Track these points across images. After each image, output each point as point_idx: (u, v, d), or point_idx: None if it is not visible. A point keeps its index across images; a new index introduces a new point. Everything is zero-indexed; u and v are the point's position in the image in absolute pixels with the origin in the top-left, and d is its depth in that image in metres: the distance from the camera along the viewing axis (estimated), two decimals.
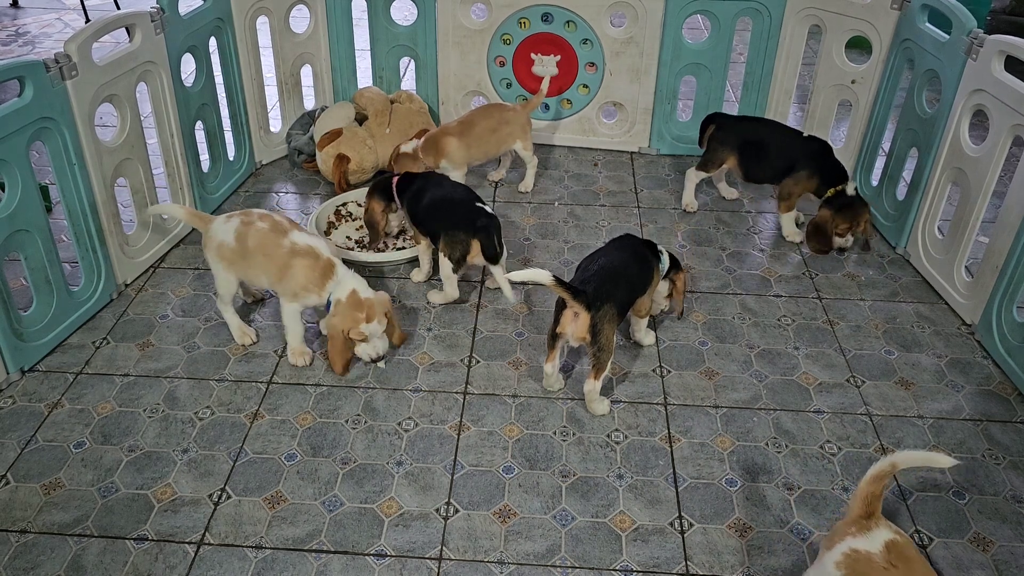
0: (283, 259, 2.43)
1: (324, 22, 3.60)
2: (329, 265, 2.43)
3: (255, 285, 2.58)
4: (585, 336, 2.24)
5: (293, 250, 2.43)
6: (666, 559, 1.97)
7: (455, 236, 2.65)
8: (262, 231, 2.45)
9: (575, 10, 3.53)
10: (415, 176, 2.90)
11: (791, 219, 3.18)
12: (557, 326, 2.28)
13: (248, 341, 2.60)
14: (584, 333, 2.24)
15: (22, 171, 2.33)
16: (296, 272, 2.42)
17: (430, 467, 2.20)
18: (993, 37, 2.60)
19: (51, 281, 2.50)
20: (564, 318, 2.26)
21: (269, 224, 2.47)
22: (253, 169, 3.57)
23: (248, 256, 2.46)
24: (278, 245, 2.44)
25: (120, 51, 2.65)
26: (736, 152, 3.16)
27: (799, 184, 3.07)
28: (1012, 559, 1.98)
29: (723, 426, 2.34)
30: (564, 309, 2.26)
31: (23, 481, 2.13)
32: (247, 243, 2.45)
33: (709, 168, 3.24)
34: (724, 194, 3.45)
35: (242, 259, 2.47)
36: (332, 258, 2.45)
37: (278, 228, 2.46)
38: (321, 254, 2.44)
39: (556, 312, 2.30)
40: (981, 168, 2.67)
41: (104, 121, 3.89)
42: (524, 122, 3.35)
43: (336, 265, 2.45)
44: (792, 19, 3.45)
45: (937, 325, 2.75)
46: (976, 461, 2.24)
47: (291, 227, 2.49)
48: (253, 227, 2.46)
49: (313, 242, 2.46)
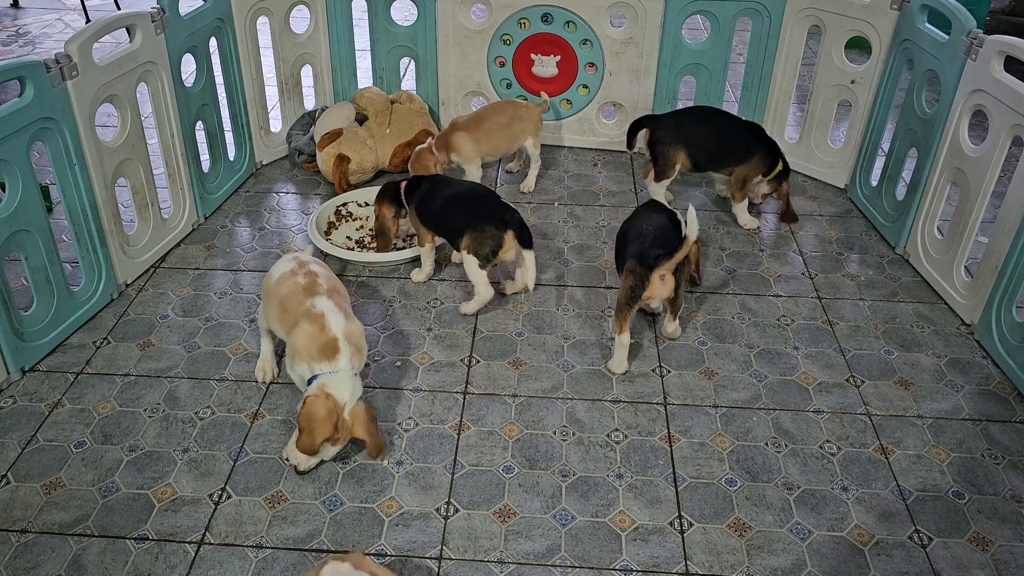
0: (296, 318, 2.21)
1: (324, 22, 3.61)
2: (331, 346, 2.14)
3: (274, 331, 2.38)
4: (671, 295, 2.47)
5: (308, 312, 2.19)
6: (666, 559, 1.98)
7: (485, 231, 2.60)
8: (296, 284, 2.26)
9: (575, 10, 3.53)
10: (423, 178, 2.88)
11: (745, 207, 3.24)
12: (637, 295, 2.43)
13: (261, 377, 2.45)
14: (671, 293, 2.46)
15: (23, 171, 2.34)
16: (298, 334, 2.18)
17: (430, 467, 2.20)
18: (992, 37, 2.60)
19: (52, 281, 2.50)
20: (653, 283, 2.42)
21: (307, 280, 2.27)
22: (253, 169, 3.57)
23: (272, 300, 2.31)
24: (300, 303, 2.23)
25: (120, 51, 2.65)
26: (683, 147, 3.13)
27: (752, 169, 3.15)
28: (1012, 559, 1.98)
29: (723, 426, 2.34)
30: (646, 277, 2.41)
31: (23, 481, 2.13)
32: (280, 288, 2.29)
33: (667, 174, 3.17)
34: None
35: (267, 300, 2.34)
36: (341, 343, 2.15)
37: (311, 288, 2.25)
38: (329, 331, 2.16)
39: (635, 281, 2.43)
40: (980, 168, 2.67)
41: (104, 121, 3.90)
42: (537, 119, 3.37)
43: (341, 353, 2.14)
44: (792, 19, 3.45)
45: (936, 325, 2.75)
46: (976, 461, 2.24)
47: (327, 292, 2.24)
48: (294, 277, 2.28)
49: (332, 317, 2.18)
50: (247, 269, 2.96)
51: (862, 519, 2.07)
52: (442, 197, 2.73)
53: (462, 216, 2.66)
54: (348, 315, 2.24)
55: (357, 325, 2.24)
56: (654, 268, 2.41)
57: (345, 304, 2.28)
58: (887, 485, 2.17)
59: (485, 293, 2.68)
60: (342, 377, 2.11)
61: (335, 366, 2.12)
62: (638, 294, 2.43)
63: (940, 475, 2.20)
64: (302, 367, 2.15)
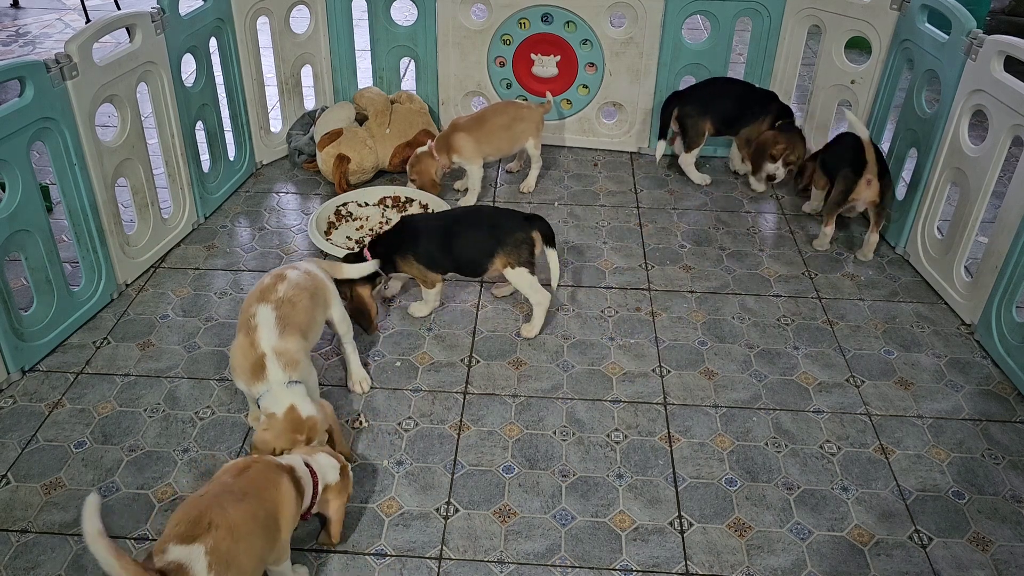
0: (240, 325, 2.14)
1: (324, 22, 3.61)
2: (260, 364, 2.03)
3: None
4: (876, 199, 2.93)
5: (246, 322, 2.10)
6: (666, 559, 1.98)
7: (516, 238, 2.54)
8: (258, 286, 2.19)
9: (575, 10, 3.53)
10: (391, 233, 2.62)
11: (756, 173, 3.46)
12: (847, 196, 2.94)
13: None
14: (875, 197, 2.93)
15: (23, 171, 2.34)
16: (233, 347, 2.11)
17: (430, 467, 2.20)
18: (992, 37, 2.60)
19: (52, 281, 2.50)
20: (859, 187, 2.91)
21: (267, 284, 2.18)
22: (253, 169, 3.57)
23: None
24: (247, 307, 2.15)
25: (121, 51, 2.65)
26: (709, 117, 3.43)
27: (759, 128, 3.40)
28: (1012, 559, 1.98)
29: (723, 426, 2.34)
30: (854, 182, 2.90)
31: (24, 481, 2.13)
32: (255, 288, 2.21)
33: (696, 143, 3.48)
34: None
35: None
36: (268, 360, 2.03)
37: (264, 295, 2.15)
38: (258, 346, 2.05)
39: (845, 185, 2.93)
40: (980, 168, 2.67)
41: (104, 121, 3.90)
42: (538, 120, 3.37)
43: (268, 370, 2.02)
44: (791, 19, 3.45)
45: (936, 325, 2.75)
46: (976, 461, 2.24)
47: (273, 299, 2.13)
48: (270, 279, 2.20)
49: (264, 331, 2.07)
50: (247, 269, 2.96)
51: (862, 519, 2.07)
52: (441, 233, 2.57)
53: (486, 237, 2.55)
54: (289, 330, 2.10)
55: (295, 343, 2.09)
56: (861, 174, 2.90)
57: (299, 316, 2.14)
58: (887, 485, 2.17)
59: (544, 298, 2.61)
60: (281, 391, 2.00)
61: (268, 383, 2.02)
62: (847, 196, 2.95)
63: (940, 475, 2.20)
64: (238, 381, 2.08)
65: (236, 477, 1.73)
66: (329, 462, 1.92)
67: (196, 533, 1.57)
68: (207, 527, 1.58)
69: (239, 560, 1.60)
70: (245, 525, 1.63)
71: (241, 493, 1.69)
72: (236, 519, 1.62)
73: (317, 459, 1.91)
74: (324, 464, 1.91)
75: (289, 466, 1.82)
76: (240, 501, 1.66)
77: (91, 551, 1.44)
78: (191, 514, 1.60)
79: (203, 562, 1.54)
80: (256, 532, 1.66)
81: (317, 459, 1.91)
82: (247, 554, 1.62)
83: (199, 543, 1.56)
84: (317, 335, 2.26)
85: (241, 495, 1.68)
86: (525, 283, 2.58)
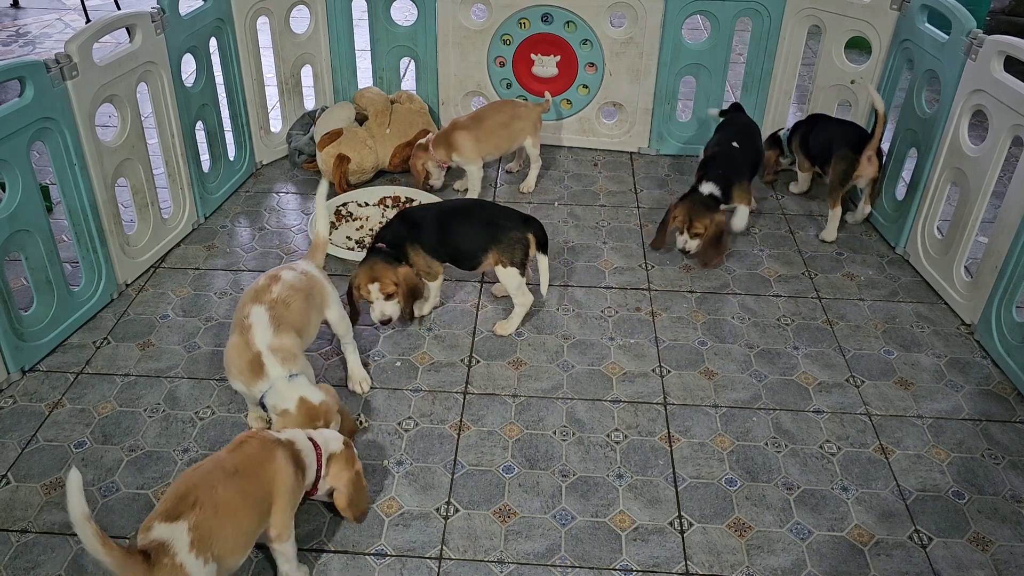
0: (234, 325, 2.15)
1: (324, 22, 3.61)
2: (257, 362, 2.05)
3: None
4: (876, 175, 3.07)
5: (240, 322, 2.12)
6: (666, 559, 1.98)
7: (512, 237, 2.55)
8: (253, 287, 2.20)
9: (575, 10, 3.53)
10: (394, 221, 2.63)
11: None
12: (849, 176, 3.04)
13: None
14: (876, 172, 3.06)
15: (23, 171, 2.34)
16: (228, 348, 2.12)
17: (430, 467, 2.20)
18: (992, 37, 2.60)
19: (52, 281, 2.50)
20: (861, 166, 3.02)
21: (262, 285, 2.19)
22: (253, 169, 3.57)
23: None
24: (241, 308, 2.16)
25: (121, 51, 2.65)
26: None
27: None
28: (1012, 559, 1.98)
29: (723, 426, 2.34)
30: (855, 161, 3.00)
31: (24, 481, 2.13)
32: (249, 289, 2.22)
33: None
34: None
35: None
36: (264, 358, 2.05)
37: (258, 295, 2.16)
38: (253, 345, 2.06)
39: (847, 166, 3.02)
40: (980, 168, 2.67)
41: (104, 121, 3.90)
42: (536, 119, 3.37)
43: (266, 367, 2.04)
44: (791, 19, 3.45)
45: (936, 325, 2.75)
46: (975, 461, 2.24)
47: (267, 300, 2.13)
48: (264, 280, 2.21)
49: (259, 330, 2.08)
50: (247, 269, 2.96)
51: (862, 519, 2.07)
52: (438, 220, 2.58)
53: (483, 233, 2.56)
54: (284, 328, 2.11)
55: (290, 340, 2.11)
56: (862, 151, 2.99)
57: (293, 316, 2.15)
58: (887, 485, 2.17)
59: (527, 299, 2.63)
60: (285, 386, 2.03)
61: (270, 379, 2.04)
62: (850, 175, 3.04)
63: (940, 475, 2.20)
64: (236, 383, 2.10)
65: (231, 452, 1.76)
66: (332, 433, 1.96)
67: (180, 510, 1.59)
68: (192, 504, 1.60)
69: (224, 536, 1.62)
70: (232, 502, 1.65)
71: (233, 469, 1.71)
72: (223, 496, 1.64)
73: (321, 431, 1.94)
74: (327, 435, 1.94)
75: (289, 440, 1.83)
76: (230, 477, 1.68)
77: (76, 532, 1.45)
78: (180, 490, 1.62)
79: (185, 540, 1.56)
80: (244, 509, 1.67)
81: (321, 431, 1.94)
82: (233, 530, 1.64)
83: (182, 520, 1.57)
84: (312, 335, 2.27)
85: (232, 471, 1.70)
86: (514, 284, 2.60)
